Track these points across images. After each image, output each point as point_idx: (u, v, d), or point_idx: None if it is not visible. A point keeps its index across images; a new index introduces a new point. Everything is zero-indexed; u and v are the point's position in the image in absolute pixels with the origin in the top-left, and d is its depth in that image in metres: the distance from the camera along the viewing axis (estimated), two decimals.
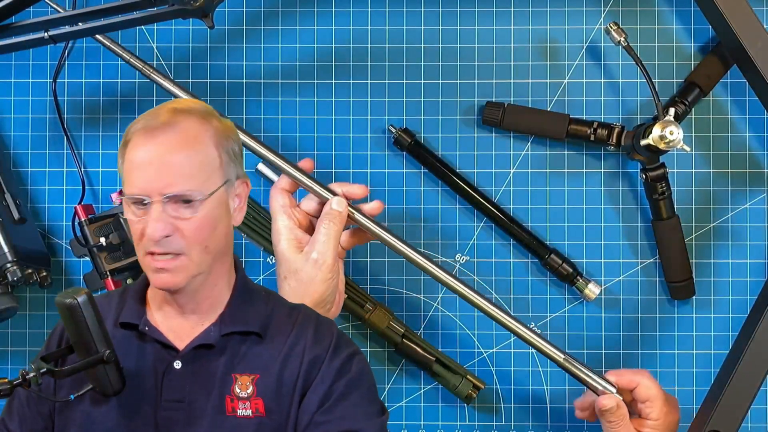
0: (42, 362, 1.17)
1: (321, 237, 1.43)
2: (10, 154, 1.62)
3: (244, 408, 1.21)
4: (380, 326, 1.57)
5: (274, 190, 1.48)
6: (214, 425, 1.21)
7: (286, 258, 1.44)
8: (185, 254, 1.20)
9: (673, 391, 1.60)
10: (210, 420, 1.21)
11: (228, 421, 1.21)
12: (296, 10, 1.63)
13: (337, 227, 1.43)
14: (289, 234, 1.45)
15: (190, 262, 1.20)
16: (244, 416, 1.21)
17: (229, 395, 1.21)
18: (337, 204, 1.44)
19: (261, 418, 1.21)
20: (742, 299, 1.61)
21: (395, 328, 1.58)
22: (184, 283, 1.21)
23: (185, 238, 1.19)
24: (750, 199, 1.62)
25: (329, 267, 1.42)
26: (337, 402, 1.21)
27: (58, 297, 1.17)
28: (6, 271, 1.49)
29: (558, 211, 1.62)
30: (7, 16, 1.40)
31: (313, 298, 1.42)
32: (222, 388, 1.22)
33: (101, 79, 1.63)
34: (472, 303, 1.47)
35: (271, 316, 1.26)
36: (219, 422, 1.21)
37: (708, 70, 1.58)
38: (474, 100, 1.62)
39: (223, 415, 1.21)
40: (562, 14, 1.62)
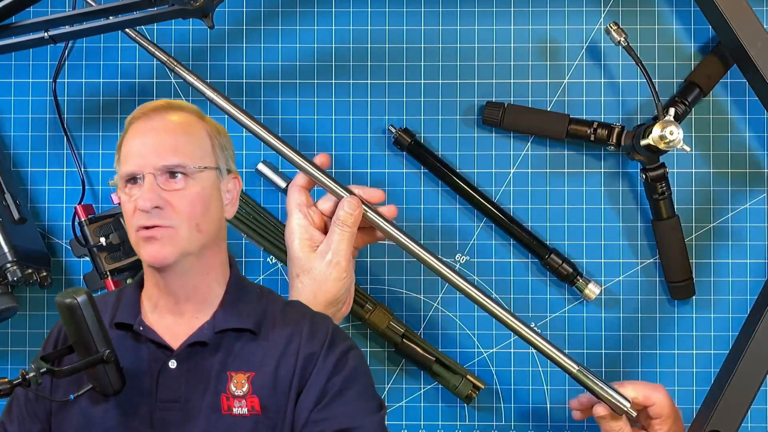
0: (42, 362, 1.17)
1: (335, 237, 1.42)
2: (10, 154, 1.63)
3: (240, 406, 1.21)
4: (380, 326, 1.57)
5: (292, 187, 1.47)
6: (210, 424, 1.20)
7: (299, 257, 1.44)
8: (175, 228, 1.21)
9: (673, 391, 1.60)
10: (206, 419, 1.20)
11: (224, 420, 1.20)
12: (296, 10, 1.63)
13: (351, 229, 1.43)
14: (304, 233, 1.44)
15: (179, 236, 1.22)
16: (240, 415, 1.21)
17: (224, 393, 1.21)
18: (351, 206, 1.43)
19: (257, 416, 1.21)
20: (742, 299, 1.61)
21: (395, 328, 1.57)
22: (173, 258, 1.22)
23: (176, 212, 1.22)
24: (750, 199, 1.62)
25: (343, 267, 1.42)
26: (334, 399, 1.21)
27: (58, 297, 1.17)
28: (6, 271, 1.49)
29: (558, 211, 1.62)
30: (7, 16, 1.40)
31: (326, 298, 1.41)
32: (217, 386, 1.22)
33: (101, 79, 1.63)
34: (488, 310, 1.45)
35: (265, 313, 1.27)
36: (214, 421, 1.20)
37: (708, 70, 1.58)
38: (474, 100, 1.62)
39: (219, 413, 1.21)
40: (562, 14, 1.62)
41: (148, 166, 1.22)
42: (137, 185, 1.22)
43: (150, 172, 1.21)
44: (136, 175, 1.22)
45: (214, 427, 1.20)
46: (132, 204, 1.22)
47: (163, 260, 1.22)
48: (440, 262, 1.46)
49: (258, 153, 1.61)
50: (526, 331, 1.45)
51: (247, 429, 1.20)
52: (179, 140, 1.24)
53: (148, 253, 1.22)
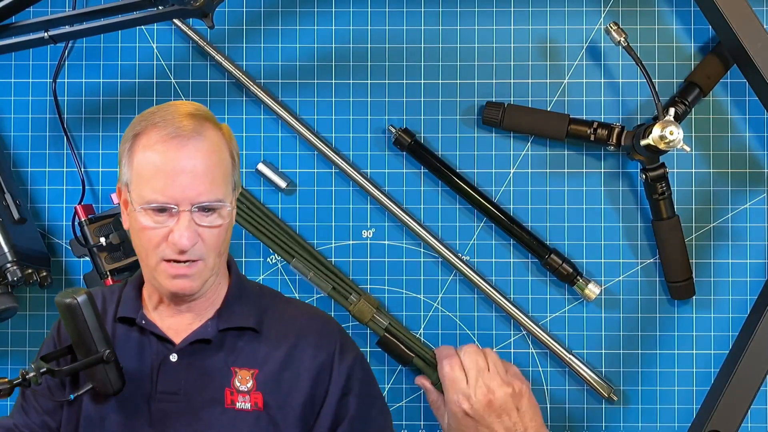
0: (42, 362, 1.17)
1: None
2: (10, 154, 1.63)
3: (244, 401, 1.22)
4: (364, 318, 1.57)
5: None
6: (213, 417, 1.21)
7: None
8: (203, 260, 1.21)
9: (673, 391, 1.60)
10: (208, 412, 1.22)
11: (227, 413, 1.22)
12: (296, 10, 1.63)
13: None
14: None
15: (206, 268, 1.22)
16: (243, 409, 1.22)
17: (228, 388, 1.22)
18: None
19: (259, 412, 1.22)
20: (742, 299, 1.61)
21: (379, 321, 1.57)
22: (199, 289, 1.22)
23: (206, 246, 1.20)
24: (750, 199, 1.62)
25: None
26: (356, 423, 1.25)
27: (58, 297, 1.17)
28: (6, 271, 1.49)
29: (558, 211, 1.62)
30: (7, 16, 1.40)
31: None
32: (222, 380, 1.23)
33: (101, 79, 1.63)
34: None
35: (266, 310, 1.28)
36: (218, 414, 1.22)
37: (708, 70, 1.58)
38: (474, 100, 1.62)
39: (222, 406, 1.22)
40: (562, 14, 1.62)
41: (185, 201, 1.18)
42: (166, 214, 1.19)
43: (186, 209, 1.18)
44: (170, 207, 1.18)
45: (218, 420, 1.21)
46: (160, 233, 1.19)
47: (191, 291, 1.22)
48: None
49: (258, 153, 1.61)
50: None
51: (248, 423, 1.22)
52: (215, 171, 1.20)
53: (176, 286, 1.21)
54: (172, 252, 1.19)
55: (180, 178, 1.18)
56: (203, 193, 1.18)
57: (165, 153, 1.18)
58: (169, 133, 1.19)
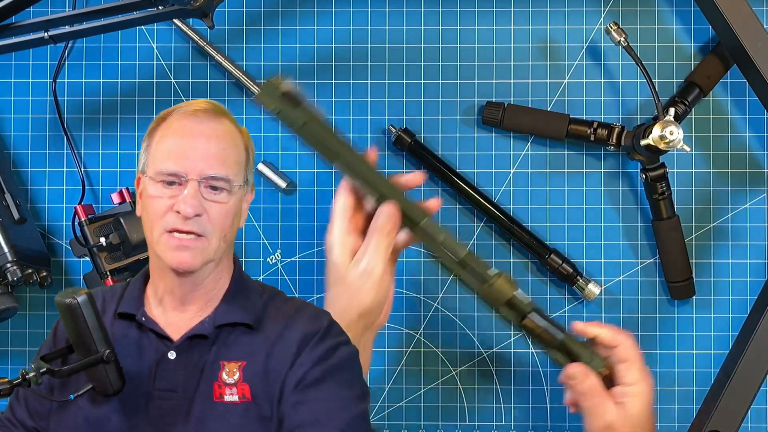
0: (42, 362, 1.17)
1: (371, 245, 1.35)
2: (10, 154, 1.63)
3: (231, 394, 1.22)
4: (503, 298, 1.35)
5: (339, 189, 1.38)
6: (204, 411, 1.22)
7: (336, 264, 1.37)
8: (206, 237, 1.23)
9: (672, 391, 1.60)
10: (200, 407, 1.22)
11: (216, 407, 1.22)
12: (296, 10, 1.63)
13: (388, 238, 1.35)
14: (344, 240, 1.37)
15: (209, 246, 1.23)
16: (231, 402, 1.22)
17: (216, 381, 1.22)
18: (388, 214, 1.35)
19: (247, 403, 1.22)
20: (742, 299, 1.61)
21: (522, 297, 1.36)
22: (199, 266, 1.23)
23: (211, 223, 1.23)
24: (750, 199, 1.62)
25: (376, 278, 1.34)
26: (312, 386, 1.20)
27: (57, 297, 1.17)
28: (6, 271, 1.49)
29: (558, 211, 1.62)
30: (7, 16, 1.41)
31: (359, 309, 1.36)
32: (210, 375, 1.23)
33: (101, 79, 1.63)
34: None
35: (265, 308, 1.28)
36: (208, 408, 1.22)
37: (708, 70, 1.58)
38: (474, 100, 1.62)
39: (211, 400, 1.22)
40: (562, 14, 1.62)
41: (195, 171, 1.22)
42: (175, 186, 1.22)
43: (195, 178, 1.22)
44: (180, 176, 1.22)
45: (207, 414, 1.22)
46: (166, 203, 1.22)
47: (189, 267, 1.23)
48: None
49: (258, 153, 1.61)
50: None
51: (237, 415, 1.21)
52: (228, 152, 1.24)
53: (177, 259, 1.22)
54: (176, 220, 1.21)
55: (193, 151, 1.22)
56: (213, 167, 1.22)
57: (182, 128, 1.24)
58: (188, 113, 1.25)
